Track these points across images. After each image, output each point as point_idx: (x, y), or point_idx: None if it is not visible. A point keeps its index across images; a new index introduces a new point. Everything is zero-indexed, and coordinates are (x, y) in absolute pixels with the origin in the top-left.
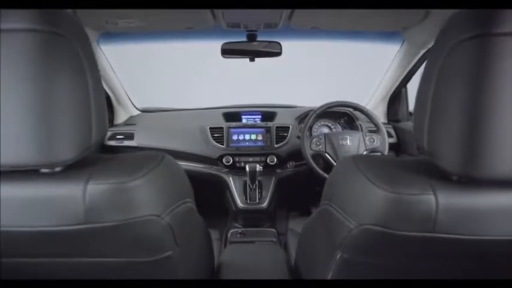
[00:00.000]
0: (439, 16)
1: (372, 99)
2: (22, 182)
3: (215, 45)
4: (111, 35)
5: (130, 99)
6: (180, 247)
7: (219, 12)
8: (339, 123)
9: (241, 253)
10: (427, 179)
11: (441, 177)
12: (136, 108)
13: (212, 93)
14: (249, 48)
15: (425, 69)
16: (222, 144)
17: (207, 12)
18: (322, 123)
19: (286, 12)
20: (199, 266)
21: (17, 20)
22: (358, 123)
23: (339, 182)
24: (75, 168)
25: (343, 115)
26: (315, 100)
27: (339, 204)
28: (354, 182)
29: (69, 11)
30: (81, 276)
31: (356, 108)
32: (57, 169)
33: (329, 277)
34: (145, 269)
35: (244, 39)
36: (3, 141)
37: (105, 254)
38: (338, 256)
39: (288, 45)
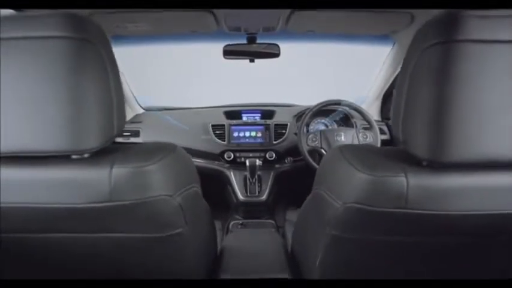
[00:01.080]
0: (424, 21)
1: (367, 98)
2: (56, 166)
3: (217, 47)
4: (119, 38)
5: (135, 98)
6: (188, 225)
7: (221, 16)
8: (334, 121)
9: (242, 238)
10: (400, 164)
11: (413, 162)
12: (141, 107)
13: (213, 93)
14: (249, 50)
15: (401, 70)
16: (224, 141)
17: (210, 17)
18: (319, 120)
19: (283, 16)
20: (205, 245)
21: (53, 28)
22: (353, 120)
23: (327, 169)
24: (100, 155)
25: (338, 113)
26: (314, 99)
27: (328, 188)
28: (339, 168)
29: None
30: (102, 251)
31: (350, 106)
32: (85, 155)
33: (320, 253)
34: (159, 244)
35: (245, 41)
36: (41, 132)
37: (125, 230)
38: (327, 233)
39: (288, 47)
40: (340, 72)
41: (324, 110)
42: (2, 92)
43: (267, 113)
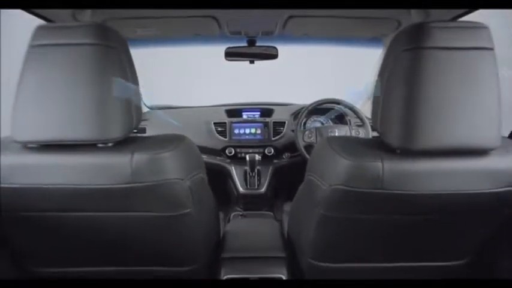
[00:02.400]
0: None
1: (362, 97)
2: (85, 153)
3: (219, 50)
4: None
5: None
6: (196, 206)
7: (223, 21)
8: (330, 119)
9: (243, 224)
10: (377, 152)
11: (388, 150)
12: (146, 106)
13: (215, 93)
14: (249, 52)
15: (379, 72)
16: (225, 137)
17: (213, 22)
18: (315, 118)
19: (280, 22)
20: (210, 227)
21: (83, 36)
22: (347, 118)
23: (317, 157)
24: (122, 144)
25: (333, 111)
26: (311, 99)
27: (317, 173)
28: (326, 156)
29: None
30: (124, 228)
31: (344, 105)
32: (109, 144)
33: (312, 232)
34: (171, 222)
35: (245, 44)
36: (72, 124)
37: (143, 209)
38: (317, 213)
39: (287, 48)
40: (336, 72)
41: (319, 109)
42: (41, 90)
43: (266, 112)
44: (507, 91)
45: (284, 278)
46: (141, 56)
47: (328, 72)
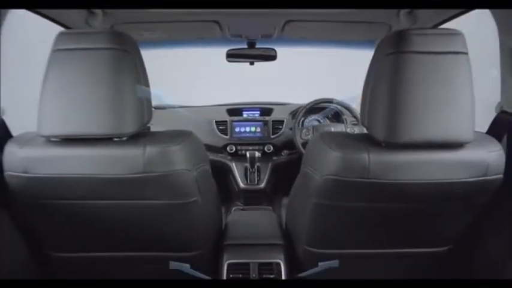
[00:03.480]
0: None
1: (358, 96)
2: (101, 146)
3: (221, 52)
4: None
5: None
6: (201, 195)
7: (225, 25)
8: (327, 117)
9: (243, 215)
10: (364, 145)
11: (374, 143)
12: None
13: (216, 93)
14: (249, 54)
15: (367, 73)
16: (226, 135)
17: (215, 26)
18: (312, 117)
19: (278, 25)
20: (214, 214)
21: (101, 41)
22: (343, 117)
23: (311, 150)
24: (135, 138)
25: (330, 110)
26: (309, 98)
27: (311, 165)
28: (319, 149)
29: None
30: (136, 215)
31: (340, 104)
32: (124, 138)
33: (307, 220)
34: (179, 210)
35: (245, 46)
36: (91, 120)
37: (154, 197)
38: (311, 201)
39: (286, 50)
40: (333, 72)
41: (317, 108)
42: (63, 90)
43: (266, 111)
44: (495, 90)
45: (282, 263)
46: (147, 58)
47: (326, 72)
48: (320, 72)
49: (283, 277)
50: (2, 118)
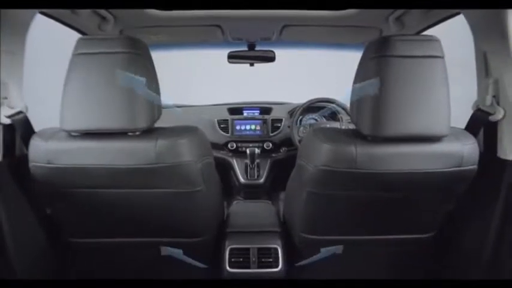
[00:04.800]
0: (388, 33)
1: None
2: (117, 139)
3: (222, 54)
4: None
5: None
6: (206, 185)
7: (226, 29)
8: (323, 116)
9: (244, 207)
10: (353, 138)
11: (361, 137)
12: None
13: (218, 93)
14: (249, 55)
15: (355, 75)
16: (227, 133)
17: (217, 30)
18: (310, 116)
19: (277, 29)
20: (217, 203)
21: (117, 46)
22: (339, 116)
23: (305, 144)
24: (147, 133)
25: (327, 109)
26: (308, 98)
27: (304, 157)
28: (312, 142)
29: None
30: (148, 203)
31: (336, 103)
32: (137, 133)
33: (301, 209)
34: (186, 198)
35: (246, 48)
36: (108, 116)
37: (164, 186)
38: (305, 191)
39: (284, 52)
40: (330, 73)
41: (314, 107)
42: (83, 90)
43: (265, 110)
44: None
45: (279, 248)
46: (154, 60)
47: (323, 73)
48: (318, 73)
49: (280, 261)
50: (26, 115)
